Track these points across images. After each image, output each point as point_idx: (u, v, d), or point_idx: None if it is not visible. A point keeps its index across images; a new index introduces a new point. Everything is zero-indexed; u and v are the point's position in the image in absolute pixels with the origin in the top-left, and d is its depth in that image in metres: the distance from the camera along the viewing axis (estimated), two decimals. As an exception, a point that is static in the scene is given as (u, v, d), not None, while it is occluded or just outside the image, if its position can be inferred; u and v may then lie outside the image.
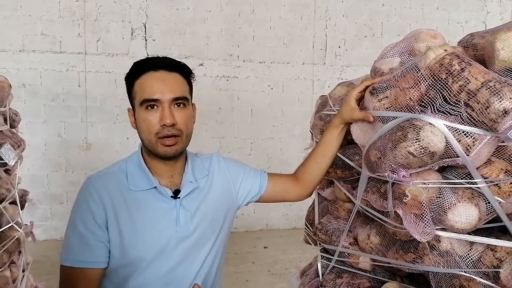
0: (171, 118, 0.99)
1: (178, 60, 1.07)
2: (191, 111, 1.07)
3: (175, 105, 1.01)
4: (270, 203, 1.29)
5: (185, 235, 1.04)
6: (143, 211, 1.02)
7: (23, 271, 1.97)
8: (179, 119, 1.01)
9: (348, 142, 1.25)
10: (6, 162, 1.71)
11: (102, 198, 1.00)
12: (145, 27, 4.47)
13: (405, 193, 0.90)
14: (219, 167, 1.18)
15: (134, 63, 1.05)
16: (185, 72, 1.06)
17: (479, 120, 0.81)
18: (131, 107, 1.07)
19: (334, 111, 1.33)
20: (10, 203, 1.87)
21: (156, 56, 1.06)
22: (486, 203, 0.87)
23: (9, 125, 1.90)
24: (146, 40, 4.48)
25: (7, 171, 1.95)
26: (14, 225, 1.82)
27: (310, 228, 1.47)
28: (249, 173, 1.22)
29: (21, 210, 2.01)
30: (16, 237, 1.82)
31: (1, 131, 1.80)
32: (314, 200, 1.52)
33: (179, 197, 1.05)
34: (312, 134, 1.49)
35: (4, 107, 1.89)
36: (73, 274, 0.99)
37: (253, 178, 1.22)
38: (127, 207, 1.01)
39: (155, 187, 1.04)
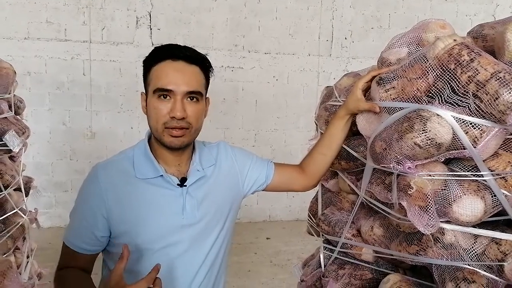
0: (181, 112, 0.97)
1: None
2: (204, 105, 1.06)
3: (188, 99, 1.00)
4: (275, 192, 1.29)
5: (191, 222, 1.05)
6: (149, 199, 1.03)
7: (27, 257, 1.99)
8: (190, 112, 0.99)
9: (353, 133, 1.24)
10: (10, 149, 1.71)
11: (105, 188, 1.01)
12: (150, 16, 4.45)
13: (410, 185, 0.89)
14: (226, 156, 1.18)
15: (155, 47, 1.03)
16: (205, 65, 1.04)
17: (487, 112, 0.80)
18: (144, 92, 1.06)
19: (340, 102, 1.32)
20: (14, 190, 1.88)
21: (178, 44, 1.04)
22: (492, 196, 0.86)
23: (13, 111, 1.91)
24: (151, 29, 4.46)
25: (11, 158, 1.96)
26: (19, 211, 1.83)
27: (313, 219, 1.47)
28: (256, 162, 1.22)
29: (26, 197, 2.02)
30: (21, 223, 1.83)
31: (6, 117, 1.80)
32: (317, 192, 1.51)
33: (186, 185, 1.05)
34: (316, 125, 1.48)
35: (9, 93, 1.89)
36: (67, 251, 1.06)
37: (260, 167, 1.21)
38: (133, 195, 1.02)
39: (161, 175, 1.04)
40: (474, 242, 0.90)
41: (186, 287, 1.05)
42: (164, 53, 1.00)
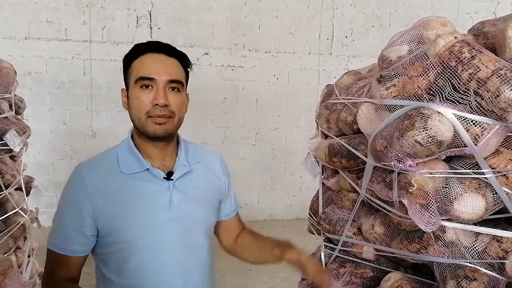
0: (164, 99, 0.99)
1: (182, 49, 1.08)
2: (185, 98, 1.08)
3: (170, 89, 1.02)
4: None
5: (178, 216, 1.04)
6: (136, 194, 1.02)
7: (28, 256, 1.99)
8: (172, 101, 1.01)
9: (353, 131, 1.24)
10: (11, 148, 1.72)
11: (90, 186, 1.00)
12: (150, 15, 4.44)
13: (411, 183, 0.89)
14: (214, 161, 1.20)
15: (135, 45, 1.06)
16: (184, 60, 1.07)
17: (488, 109, 0.80)
18: (125, 88, 1.08)
19: (340, 100, 1.31)
20: (15, 189, 1.88)
21: (157, 41, 1.07)
22: (493, 194, 0.86)
23: (14, 111, 1.91)
24: (151, 28, 4.46)
25: (12, 158, 1.96)
26: (20, 211, 1.83)
27: (314, 218, 1.47)
28: (231, 197, 1.25)
29: (27, 196, 2.02)
30: (21, 222, 1.83)
31: (7, 117, 1.80)
32: (318, 190, 1.51)
33: (172, 179, 1.05)
34: (317, 123, 1.48)
35: (9, 93, 1.89)
36: (54, 257, 1.03)
37: (231, 204, 1.25)
38: (118, 191, 1.01)
39: (147, 169, 1.04)
40: (475, 240, 0.90)
41: (182, 283, 1.05)
42: (144, 48, 1.04)
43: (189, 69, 1.10)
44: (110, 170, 1.03)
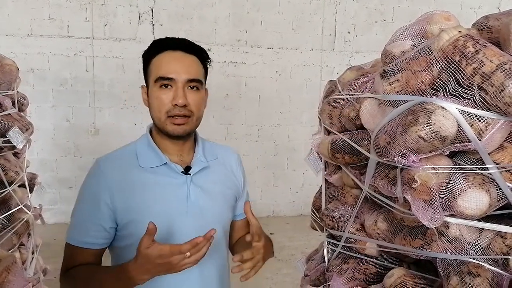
0: (183, 99, 1.00)
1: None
2: (204, 95, 1.09)
3: (189, 87, 1.03)
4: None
5: (196, 210, 1.05)
6: (154, 187, 1.04)
7: (32, 253, 2.00)
8: (191, 100, 1.02)
9: (356, 127, 1.23)
10: (14, 145, 1.72)
11: (110, 179, 1.02)
12: (152, 12, 4.44)
13: (414, 179, 0.88)
14: (237, 165, 1.22)
15: (153, 41, 1.07)
16: (202, 56, 1.08)
17: (492, 104, 0.79)
18: (145, 85, 1.09)
19: (343, 96, 1.31)
20: (19, 186, 1.89)
21: (175, 37, 1.08)
22: (497, 190, 0.85)
23: (17, 108, 1.91)
24: (153, 25, 4.45)
25: (15, 155, 1.96)
26: (23, 207, 1.84)
27: (317, 214, 1.47)
28: (245, 197, 1.27)
29: (30, 193, 2.03)
30: (25, 219, 1.84)
31: (9, 114, 1.80)
32: (321, 186, 1.51)
33: (190, 174, 1.07)
34: (320, 119, 1.47)
35: (12, 90, 1.90)
36: (73, 251, 1.04)
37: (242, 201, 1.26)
38: (137, 184, 1.03)
39: (166, 163, 1.05)
40: (479, 236, 0.89)
41: (198, 280, 1.05)
42: (163, 45, 1.04)
43: (207, 64, 1.10)
44: (129, 164, 1.05)
